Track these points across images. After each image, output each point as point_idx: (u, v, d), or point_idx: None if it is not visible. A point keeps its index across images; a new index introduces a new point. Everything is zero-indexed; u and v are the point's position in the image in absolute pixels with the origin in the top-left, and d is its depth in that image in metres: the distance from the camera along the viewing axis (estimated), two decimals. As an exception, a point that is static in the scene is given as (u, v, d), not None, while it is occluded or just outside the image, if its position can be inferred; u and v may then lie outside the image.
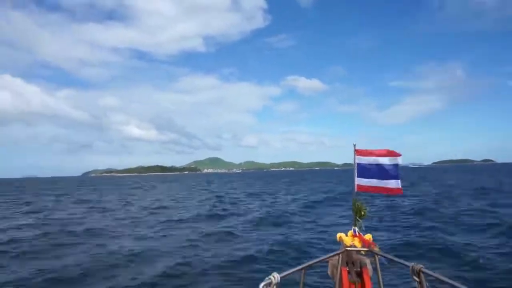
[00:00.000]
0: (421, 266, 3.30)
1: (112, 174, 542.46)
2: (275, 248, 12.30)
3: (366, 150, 5.25)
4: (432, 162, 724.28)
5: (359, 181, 5.17)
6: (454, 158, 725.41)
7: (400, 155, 4.98)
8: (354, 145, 5.19)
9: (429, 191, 35.90)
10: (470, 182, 49.95)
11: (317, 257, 4.18)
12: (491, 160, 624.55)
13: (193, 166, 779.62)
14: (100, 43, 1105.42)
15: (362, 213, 4.94)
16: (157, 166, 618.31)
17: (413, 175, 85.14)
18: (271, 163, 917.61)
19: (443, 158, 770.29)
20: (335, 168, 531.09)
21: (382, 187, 5.12)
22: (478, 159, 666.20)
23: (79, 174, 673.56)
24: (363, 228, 4.96)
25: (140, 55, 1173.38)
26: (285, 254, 11.63)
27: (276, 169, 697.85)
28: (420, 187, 42.96)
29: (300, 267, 3.65)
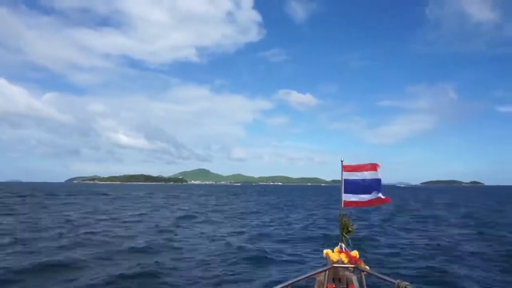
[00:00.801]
0: (407, 283, 3.37)
1: (95, 181, 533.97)
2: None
3: (353, 165, 5.37)
4: (421, 182, 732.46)
5: (346, 197, 5.27)
6: (443, 179, 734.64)
7: (379, 166, 5.12)
8: (342, 161, 5.30)
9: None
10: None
11: (303, 273, 4.21)
12: (480, 182, 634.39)
13: (180, 177, 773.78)
14: (92, 49, 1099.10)
15: (349, 229, 5.03)
16: (141, 175, 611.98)
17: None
18: (259, 177, 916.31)
19: (431, 178, 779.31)
20: (322, 185, 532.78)
21: (369, 201, 5.24)
22: (467, 180, 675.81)
23: (63, 180, 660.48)
24: (350, 244, 5.03)
25: (133, 62, 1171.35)
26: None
27: (264, 183, 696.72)
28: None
29: (286, 283, 3.68)
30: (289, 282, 3.73)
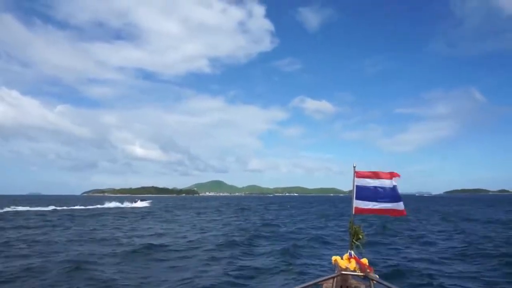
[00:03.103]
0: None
1: (105, 194, 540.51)
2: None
3: (366, 171, 5.40)
4: (444, 191, 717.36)
5: (357, 203, 5.29)
6: (468, 187, 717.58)
7: (399, 175, 5.15)
8: (354, 166, 5.35)
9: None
10: None
11: (311, 279, 4.24)
12: (508, 191, 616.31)
13: (194, 188, 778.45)
14: (106, 62, 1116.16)
15: (360, 236, 5.05)
16: (152, 187, 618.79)
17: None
18: (275, 188, 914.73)
19: (455, 187, 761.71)
20: (340, 195, 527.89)
21: (383, 209, 5.26)
22: (494, 189, 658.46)
23: (79, 193, 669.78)
24: (363, 250, 5.03)
25: (146, 75, 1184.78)
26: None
27: (280, 194, 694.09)
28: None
29: (292, 289, 3.73)
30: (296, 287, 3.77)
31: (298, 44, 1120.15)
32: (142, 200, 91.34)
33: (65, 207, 72.64)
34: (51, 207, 69.85)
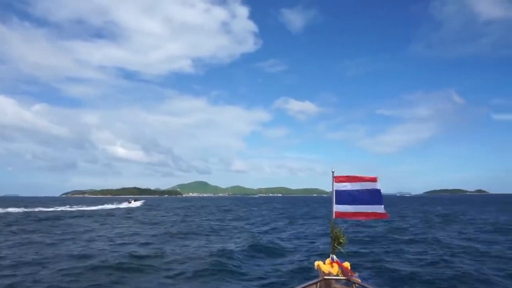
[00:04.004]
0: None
1: (85, 195, 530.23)
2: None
3: (345, 176, 5.48)
4: (424, 191, 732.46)
5: (337, 208, 5.37)
6: (446, 187, 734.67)
7: (376, 179, 5.22)
8: (333, 172, 5.44)
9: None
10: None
11: (293, 285, 4.26)
12: (485, 191, 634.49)
13: (177, 189, 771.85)
14: (87, 61, 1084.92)
15: (341, 240, 5.12)
16: (134, 187, 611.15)
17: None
18: (258, 189, 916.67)
19: (434, 187, 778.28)
20: (324, 195, 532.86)
21: (364, 213, 5.32)
22: (471, 189, 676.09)
23: (58, 194, 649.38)
24: (344, 252, 5.10)
25: (127, 74, 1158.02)
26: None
27: (264, 195, 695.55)
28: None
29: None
30: None
31: (281, 45, 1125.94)
32: (135, 200, 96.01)
33: (41, 208, 67.52)
34: (22, 209, 63.63)
